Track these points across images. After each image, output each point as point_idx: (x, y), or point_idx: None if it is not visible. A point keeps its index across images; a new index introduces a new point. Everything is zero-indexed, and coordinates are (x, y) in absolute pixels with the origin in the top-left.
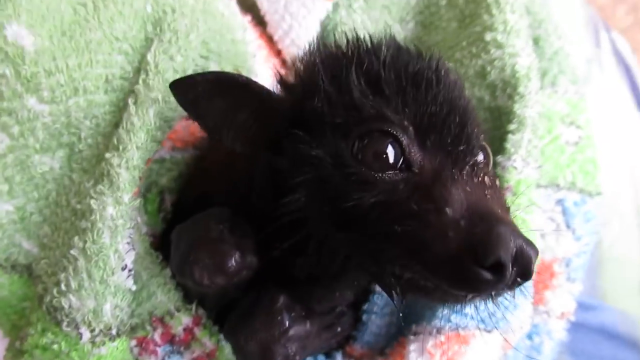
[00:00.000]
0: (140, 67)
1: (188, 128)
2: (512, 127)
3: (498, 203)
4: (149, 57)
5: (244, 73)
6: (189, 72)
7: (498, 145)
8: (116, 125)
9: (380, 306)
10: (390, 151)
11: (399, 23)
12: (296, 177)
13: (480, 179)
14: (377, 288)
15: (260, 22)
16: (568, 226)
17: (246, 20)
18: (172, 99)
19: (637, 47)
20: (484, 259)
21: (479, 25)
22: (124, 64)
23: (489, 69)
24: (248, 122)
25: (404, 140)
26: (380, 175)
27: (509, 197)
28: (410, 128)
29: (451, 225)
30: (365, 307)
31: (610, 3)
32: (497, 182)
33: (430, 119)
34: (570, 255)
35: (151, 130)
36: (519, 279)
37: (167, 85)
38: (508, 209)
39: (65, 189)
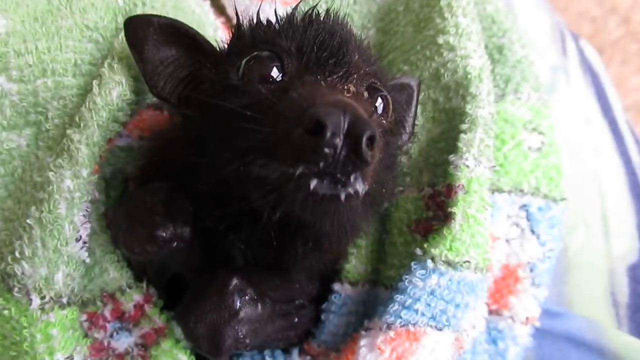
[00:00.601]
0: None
1: (156, 117)
2: (464, 126)
3: (359, 104)
4: (116, 43)
5: None
6: None
7: (452, 145)
8: None
9: (338, 305)
10: (275, 72)
11: (361, 30)
12: (203, 116)
13: (345, 86)
14: (337, 286)
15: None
16: (532, 231)
17: (219, 21)
18: (137, 84)
19: (628, 58)
20: (307, 121)
21: (432, 28)
22: (93, 51)
23: (442, 71)
24: (187, 80)
25: (285, 59)
26: (259, 86)
27: (461, 195)
28: (293, 49)
29: (292, 105)
30: (324, 306)
31: (602, 15)
32: (367, 97)
33: (309, 42)
34: (535, 261)
35: (113, 110)
36: (352, 156)
37: (128, 68)
38: (371, 113)
39: (31, 166)
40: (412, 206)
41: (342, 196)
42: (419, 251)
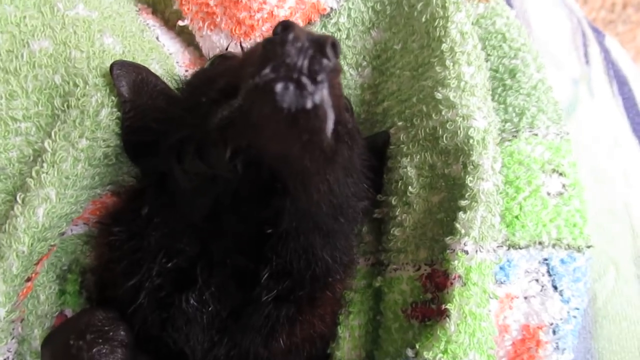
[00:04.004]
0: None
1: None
2: (463, 203)
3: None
4: (47, 144)
5: None
6: (94, 161)
7: (453, 217)
8: None
9: None
10: None
11: (356, 69)
12: None
13: None
14: None
15: None
16: (555, 287)
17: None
18: (69, 191)
19: None
20: (275, 28)
21: (431, 78)
22: (23, 146)
23: (440, 132)
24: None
25: None
26: None
27: (457, 288)
28: None
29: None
30: None
31: None
32: None
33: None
34: (558, 321)
35: (38, 233)
36: (318, 55)
37: (62, 177)
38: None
39: None
40: (407, 287)
41: (309, 103)
42: (410, 352)
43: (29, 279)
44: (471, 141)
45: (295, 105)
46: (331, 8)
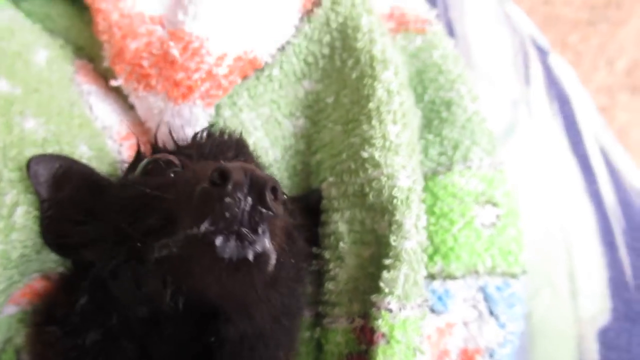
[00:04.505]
0: None
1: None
2: (387, 262)
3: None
4: None
5: None
6: (10, 264)
7: (375, 275)
8: None
9: None
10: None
11: (289, 118)
12: None
13: None
14: None
15: None
16: (491, 313)
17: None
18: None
19: None
20: (210, 175)
21: (359, 136)
22: None
23: (367, 189)
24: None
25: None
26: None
27: (381, 346)
28: (193, 152)
29: (196, 174)
30: None
31: None
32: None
33: (210, 144)
34: (494, 346)
35: None
36: (257, 206)
37: None
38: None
39: None
40: (342, 339)
41: (250, 255)
42: None
43: None
44: (395, 201)
45: (236, 255)
46: (265, 63)
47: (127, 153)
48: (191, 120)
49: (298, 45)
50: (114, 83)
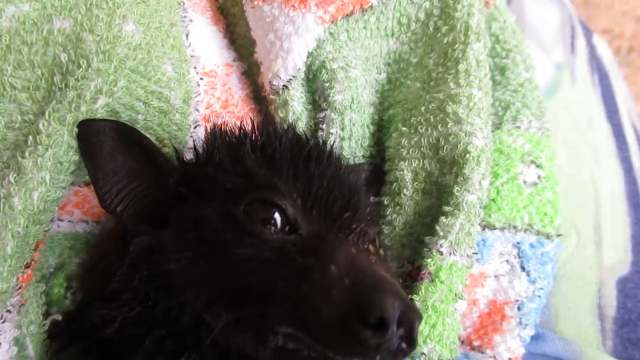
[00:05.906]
0: (34, 120)
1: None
2: (447, 209)
3: (382, 267)
4: (41, 124)
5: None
6: None
7: (431, 224)
8: None
9: None
10: (277, 218)
11: (374, 70)
12: (182, 246)
13: (365, 246)
14: None
15: None
16: (523, 268)
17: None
18: (61, 176)
19: None
20: (368, 314)
21: (443, 92)
22: (14, 113)
23: (442, 143)
24: (140, 192)
25: (289, 210)
26: (269, 232)
27: (425, 283)
28: (299, 200)
29: (335, 282)
30: None
31: None
32: (382, 253)
33: (317, 192)
34: (523, 299)
35: (34, 215)
36: (404, 345)
37: (57, 162)
38: (392, 275)
39: None
40: None
41: None
42: None
43: (28, 265)
44: (467, 156)
45: None
46: (370, 5)
47: (203, 90)
48: (301, 28)
49: (399, 2)
50: None
